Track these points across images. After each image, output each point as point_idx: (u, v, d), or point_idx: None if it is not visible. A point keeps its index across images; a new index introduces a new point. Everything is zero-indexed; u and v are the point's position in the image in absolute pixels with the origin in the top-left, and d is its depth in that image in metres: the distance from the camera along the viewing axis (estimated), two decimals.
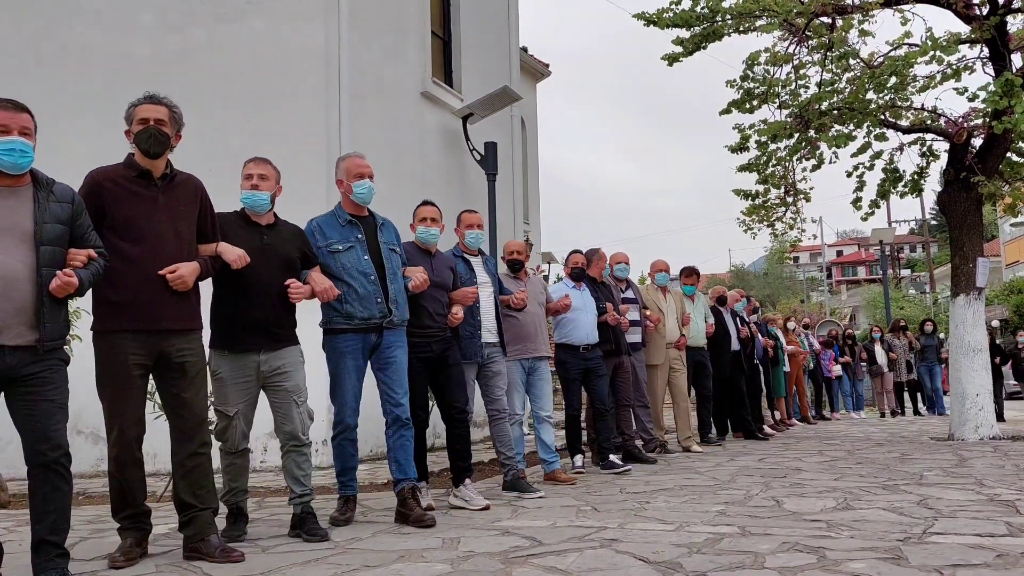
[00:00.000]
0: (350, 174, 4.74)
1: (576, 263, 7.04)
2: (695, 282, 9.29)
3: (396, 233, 4.91)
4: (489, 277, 5.75)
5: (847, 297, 59.80)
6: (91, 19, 8.23)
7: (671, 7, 9.42)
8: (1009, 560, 3.24)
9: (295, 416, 4.29)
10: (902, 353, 15.12)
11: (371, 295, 4.57)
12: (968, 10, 8.96)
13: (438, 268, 5.15)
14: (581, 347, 6.70)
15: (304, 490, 4.32)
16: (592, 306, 6.89)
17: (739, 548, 3.60)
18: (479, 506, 4.90)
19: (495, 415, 5.71)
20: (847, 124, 9.40)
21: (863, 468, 6.54)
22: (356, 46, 8.40)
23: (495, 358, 5.68)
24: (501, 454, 5.73)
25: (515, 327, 6.08)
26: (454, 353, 5.16)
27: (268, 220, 4.41)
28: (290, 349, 4.33)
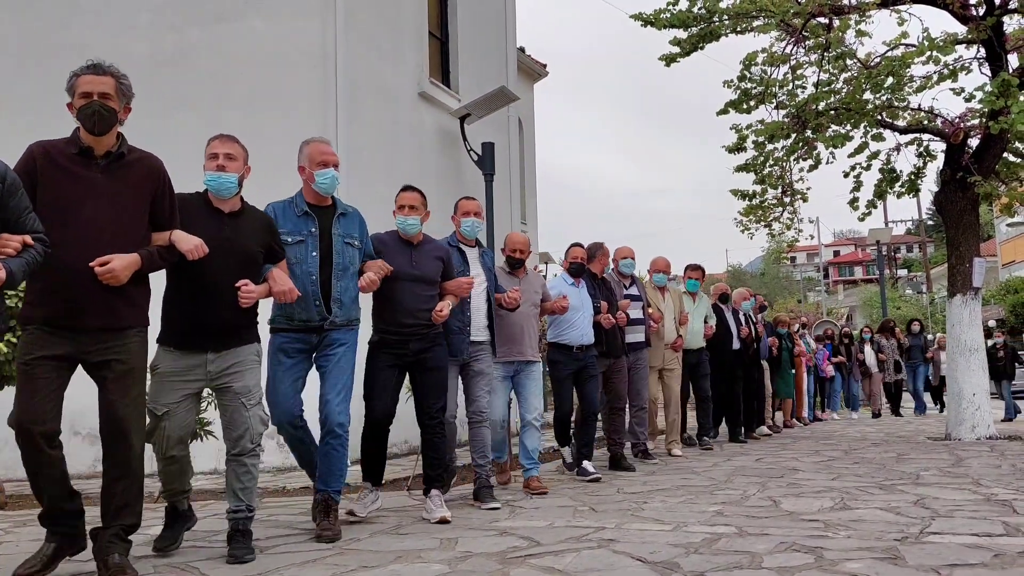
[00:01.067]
0: (313, 161, 4.39)
1: (575, 257, 6.65)
2: (700, 277, 8.98)
3: (360, 224, 4.56)
4: (484, 272, 5.46)
5: (844, 297, 59.90)
6: (89, 19, 8.21)
7: (668, 8, 9.44)
8: (1006, 560, 3.25)
9: (242, 420, 3.84)
10: (891, 353, 15.08)
11: (310, 296, 4.25)
12: (965, 10, 8.99)
13: (421, 260, 4.82)
14: (575, 347, 6.38)
15: (239, 505, 3.85)
16: (589, 305, 6.58)
17: (736, 548, 3.60)
18: (435, 518, 4.56)
19: (473, 418, 5.39)
20: (844, 124, 9.43)
21: (860, 468, 6.55)
22: (353, 46, 8.40)
23: (480, 357, 5.38)
24: (473, 460, 5.43)
25: (500, 328, 5.70)
26: (436, 354, 4.83)
27: (233, 206, 3.99)
28: (244, 348, 3.92)
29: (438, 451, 4.86)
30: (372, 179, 8.49)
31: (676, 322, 8.17)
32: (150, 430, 3.80)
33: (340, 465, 4.36)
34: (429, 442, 4.83)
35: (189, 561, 3.73)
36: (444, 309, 4.75)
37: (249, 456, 3.88)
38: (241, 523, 3.84)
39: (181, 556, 3.82)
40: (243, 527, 3.84)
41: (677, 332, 8.14)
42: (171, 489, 3.99)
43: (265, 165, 7.84)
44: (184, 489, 4.03)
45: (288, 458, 6.35)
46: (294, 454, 4.56)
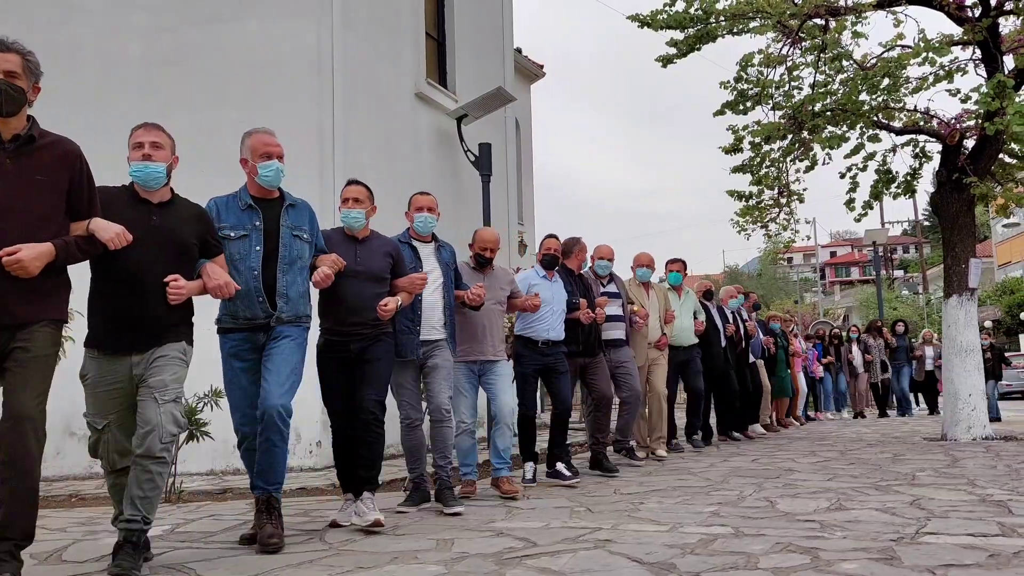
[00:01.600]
0: (256, 153, 4.17)
1: (549, 249, 6.37)
2: (681, 269, 8.64)
3: (311, 217, 4.34)
4: (440, 267, 5.21)
5: (840, 298, 59.96)
6: (84, 19, 8.21)
7: (665, 9, 9.45)
8: (1001, 560, 3.26)
9: (152, 416, 3.41)
10: (877, 354, 15.02)
11: (252, 293, 4.03)
12: (960, 12, 9.01)
13: (367, 256, 4.62)
14: (541, 342, 6.10)
15: (134, 514, 3.38)
16: (561, 299, 6.29)
17: (732, 549, 3.60)
18: (369, 522, 4.31)
19: (434, 416, 5.14)
20: (840, 125, 9.45)
21: (856, 469, 6.56)
22: (350, 47, 8.40)
23: (435, 353, 5.13)
24: (434, 460, 5.18)
25: (461, 326, 5.50)
26: (376, 348, 4.58)
27: (163, 197, 3.70)
28: (170, 344, 3.58)
29: (372, 450, 4.55)
30: (369, 180, 8.36)
31: (661, 320, 7.91)
32: (92, 445, 3.62)
33: (281, 460, 4.08)
34: (362, 440, 4.52)
35: (185, 562, 3.72)
36: (389, 303, 4.52)
37: (155, 461, 3.41)
38: (134, 535, 3.39)
39: (176, 557, 3.82)
40: (135, 539, 3.40)
41: (662, 330, 7.88)
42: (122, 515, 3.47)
43: None
44: None
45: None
46: (245, 464, 4.27)
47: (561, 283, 6.39)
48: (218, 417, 5.12)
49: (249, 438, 4.12)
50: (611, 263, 7.31)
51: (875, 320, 17.85)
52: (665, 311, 7.96)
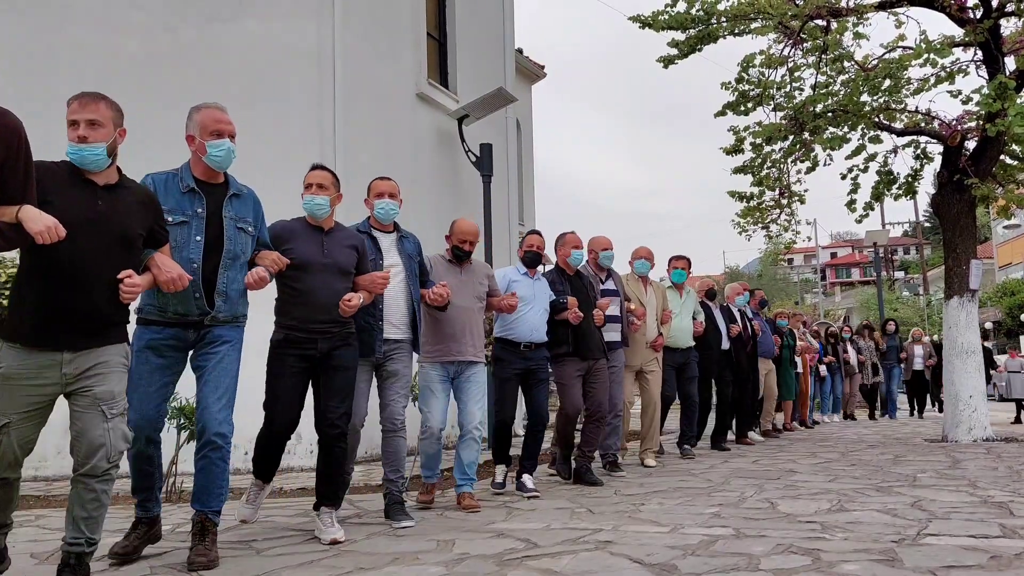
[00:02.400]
0: (205, 130, 3.76)
1: (531, 246, 6.00)
2: (685, 266, 8.15)
3: (255, 208, 3.99)
4: (403, 259, 4.83)
5: (841, 299, 59.96)
6: (83, 18, 8.20)
7: (666, 9, 9.46)
8: (1003, 562, 3.25)
9: (100, 433, 3.11)
10: (869, 355, 14.71)
11: (188, 287, 3.57)
12: (962, 13, 9.01)
13: (333, 248, 4.31)
14: (522, 344, 5.73)
15: (77, 537, 3.14)
16: (544, 299, 5.92)
17: (733, 550, 3.60)
18: (327, 539, 4.10)
19: (386, 426, 4.80)
20: (841, 126, 9.45)
21: (857, 470, 6.55)
22: (350, 46, 8.39)
23: (395, 356, 4.77)
24: (385, 474, 4.84)
25: (436, 324, 5.19)
26: (345, 354, 4.30)
27: (109, 179, 3.30)
28: (110, 347, 3.24)
29: (337, 464, 4.31)
30: (369, 180, 8.48)
31: (657, 319, 7.44)
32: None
33: (221, 481, 3.76)
34: (328, 454, 4.28)
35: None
36: (353, 299, 4.20)
37: (102, 480, 3.14)
38: (74, 557, 3.15)
39: (176, 557, 3.81)
40: (76, 561, 3.15)
41: (658, 330, 7.40)
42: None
43: (262, 166, 7.86)
44: (6, 523, 3.23)
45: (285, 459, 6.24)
46: (132, 472, 3.82)
47: (545, 282, 6.03)
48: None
49: (144, 442, 3.68)
50: (613, 253, 6.86)
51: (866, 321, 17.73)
52: (662, 310, 7.52)
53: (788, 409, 11.37)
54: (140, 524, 3.84)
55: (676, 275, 8.10)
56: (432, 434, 5.15)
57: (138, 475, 3.82)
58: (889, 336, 15.36)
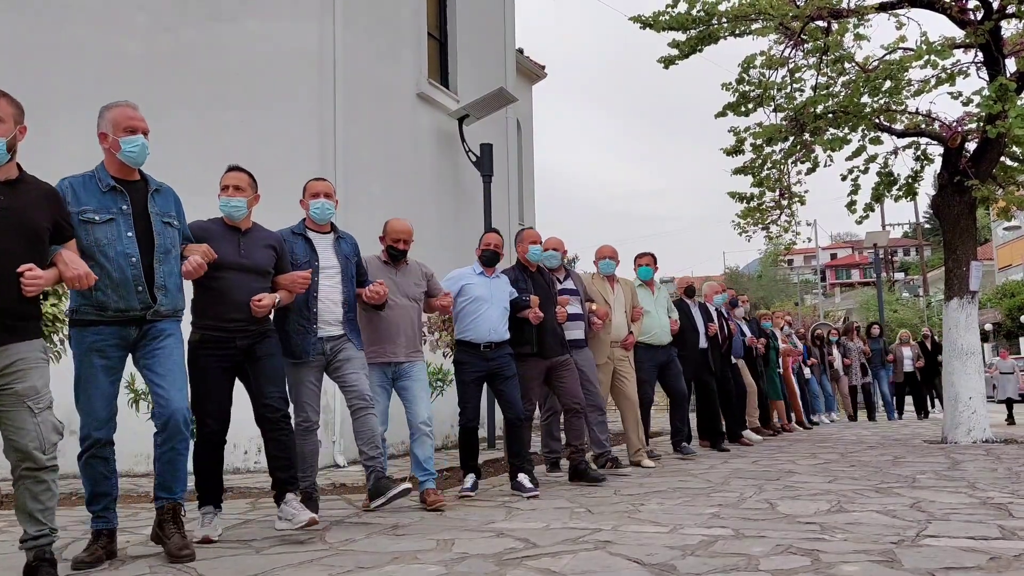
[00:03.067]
0: (118, 127, 3.74)
1: (488, 245, 5.91)
2: (651, 263, 7.93)
3: (176, 202, 3.99)
4: (339, 260, 4.84)
5: (841, 300, 59.99)
6: (84, 18, 8.21)
7: (667, 10, 9.46)
8: (1002, 563, 3.25)
9: (30, 428, 3.19)
10: (856, 356, 14.60)
11: (129, 281, 3.64)
12: (963, 15, 9.01)
13: (250, 248, 4.32)
14: (482, 345, 5.65)
15: (41, 530, 3.27)
16: (502, 297, 5.82)
17: (733, 550, 3.60)
18: (302, 522, 4.10)
19: (356, 404, 4.78)
20: (842, 128, 9.45)
21: (856, 471, 6.56)
22: (351, 46, 8.40)
23: (341, 345, 4.80)
24: (363, 454, 4.82)
25: (371, 326, 5.16)
26: (267, 344, 4.33)
27: (8, 175, 3.31)
28: (25, 344, 3.24)
29: (286, 450, 4.29)
30: (370, 181, 8.50)
31: (627, 316, 7.23)
32: None
33: (184, 467, 3.86)
34: (274, 440, 4.26)
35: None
36: (264, 299, 4.21)
37: (47, 470, 3.25)
38: (45, 551, 3.27)
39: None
40: (48, 555, 3.27)
41: (628, 328, 7.20)
42: None
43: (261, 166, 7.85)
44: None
45: None
46: (87, 484, 3.76)
47: (504, 280, 5.94)
48: None
49: (97, 445, 3.69)
50: (559, 254, 6.67)
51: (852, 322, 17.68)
52: (632, 307, 7.31)
53: (781, 409, 11.23)
54: (101, 536, 3.74)
55: (642, 272, 7.94)
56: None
57: (92, 481, 3.75)
58: (873, 339, 15.27)
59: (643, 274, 7.90)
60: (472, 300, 5.70)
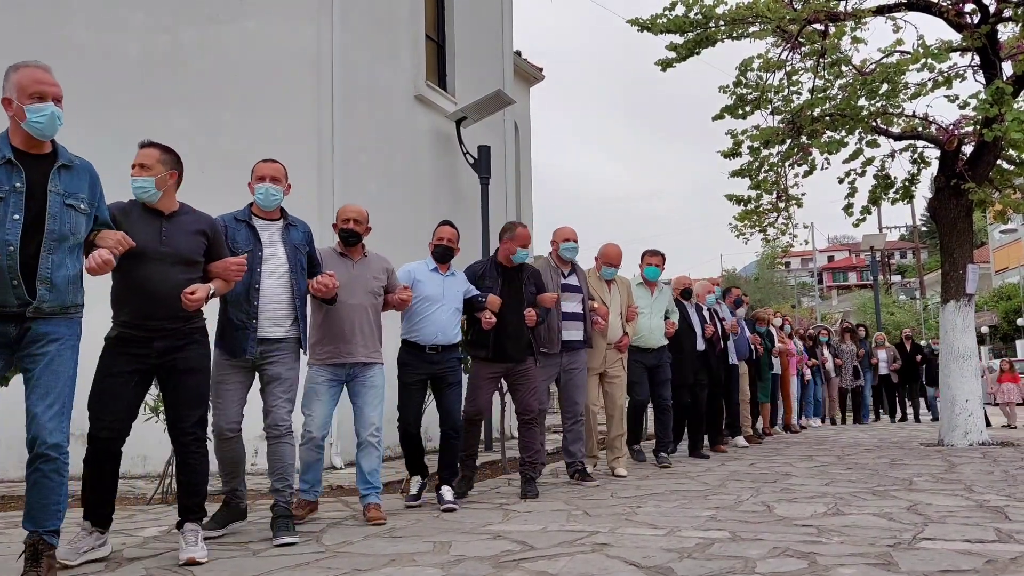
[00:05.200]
0: (24, 92, 3.28)
1: (441, 239, 5.47)
2: (660, 263, 7.58)
3: (92, 183, 3.51)
4: (286, 250, 4.40)
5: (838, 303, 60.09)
6: (82, 19, 8.20)
7: (665, 13, 9.48)
8: (998, 566, 3.26)
9: None
10: (848, 359, 14.49)
11: (4, 273, 3.17)
12: (960, 18, 9.03)
13: (175, 234, 3.82)
14: (427, 347, 5.28)
15: None
16: (455, 297, 5.43)
17: (729, 553, 3.60)
18: (183, 559, 3.68)
19: (270, 432, 4.37)
20: (839, 130, 9.47)
21: (853, 474, 6.56)
22: (348, 48, 8.40)
23: (276, 358, 4.35)
24: (272, 484, 4.40)
25: (325, 323, 4.80)
26: (191, 354, 3.85)
27: None
28: None
29: (197, 475, 3.90)
30: (367, 182, 8.49)
31: (622, 317, 6.93)
32: None
33: (56, 497, 3.32)
34: (185, 464, 3.90)
35: (182, 563, 3.72)
36: (198, 291, 3.74)
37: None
38: None
39: (172, 558, 3.81)
40: None
41: (623, 330, 6.91)
42: None
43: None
44: None
45: None
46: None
47: (460, 278, 5.55)
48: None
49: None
50: (577, 245, 6.38)
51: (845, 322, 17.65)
52: (627, 307, 6.99)
53: (766, 413, 10.86)
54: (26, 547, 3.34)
55: (649, 272, 7.55)
56: (312, 440, 4.74)
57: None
58: (859, 342, 15.19)
59: (650, 274, 7.55)
60: (421, 299, 5.28)
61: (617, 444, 6.88)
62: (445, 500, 5.14)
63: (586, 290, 6.54)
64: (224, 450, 4.38)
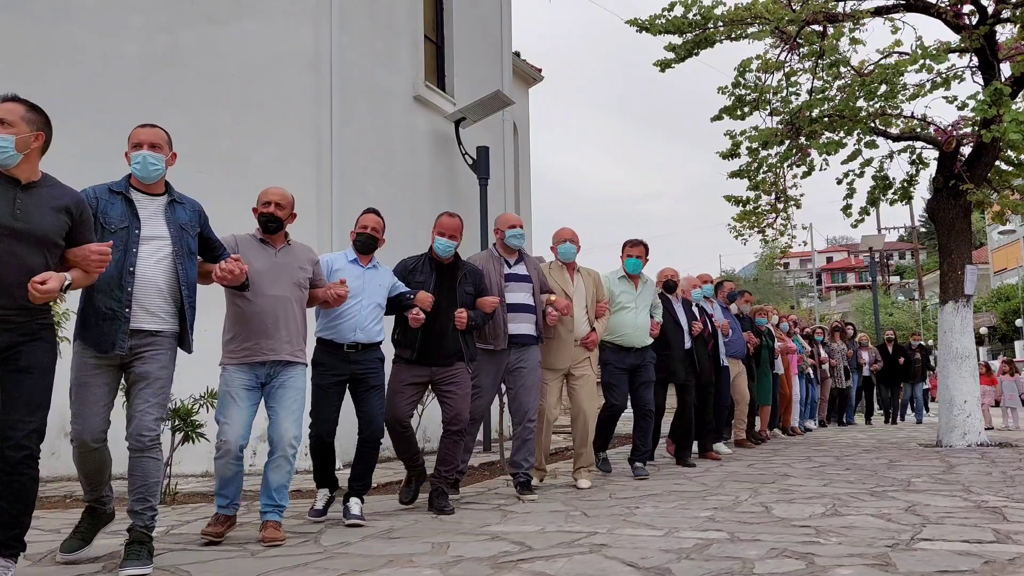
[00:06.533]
0: None
1: (365, 227, 5.02)
2: (642, 254, 6.87)
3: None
4: (171, 230, 3.81)
5: (836, 303, 60.12)
6: (80, 19, 8.20)
7: (663, 14, 9.49)
8: (996, 567, 3.26)
9: None
10: (841, 359, 14.31)
11: None
12: (958, 20, 9.05)
13: (31, 208, 3.23)
14: (345, 346, 4.85)
15: None
16: (377, 291, 5.01)
17: (728, 554, 3.60)
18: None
19: (133, 444, 3.66)
20: (837, 131, 9.48)
21: (851, 474, 6.56)
22: (347, 49, 8.40)
23: (147, 353, 3.71)
24: (130, 505, 3.67)
25: (241, 317, 4.35)
26: (33, 350, 3.24)
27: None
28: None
29: (21, 500, 3.16)
30: (366, 183, 8.49)
31: (588, 311, 6.33)
32: None
33: None
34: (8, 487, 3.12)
35: (180, 564, 3.71)
36: (50, 280, 3.13)
37: None
38: None
39: (170, 559, 3.80)
40: None
41: (591, 326, 6.31)
42: None
43: (256, 168, 7.87)
44: None
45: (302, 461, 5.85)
46: None
47: (383, 272, 5.11)
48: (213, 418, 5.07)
49: None
50: (522, 231, 5.91)
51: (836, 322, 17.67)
52: (597, 301, 6.39)
53: (765, 415, 10.43)
54: None
55: (630, 264, 6.84)
56: (229, 451, 4.23)
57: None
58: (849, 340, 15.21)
59: (631, 266, 6.84)
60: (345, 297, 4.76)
61: (583, 453, 6.27)
62: (351, 514, 4.70)
63: (537, 280, 5.95)
64: (89, 461, 3.75)
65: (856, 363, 14.86)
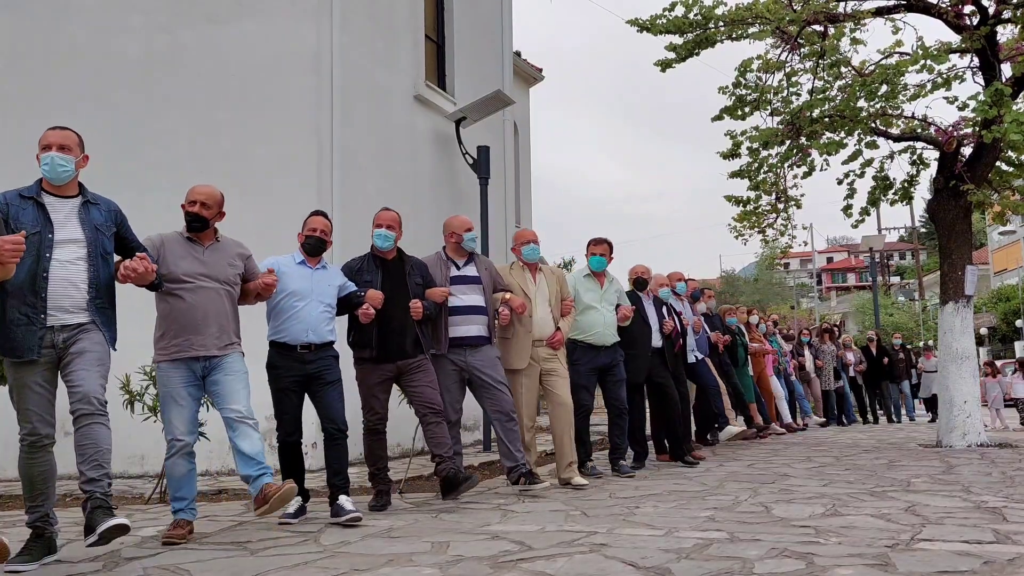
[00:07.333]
0: None
1: (313, 230, 5.09)
2: (605, 252, 6.88)
3: None
4: (85, 231, 3.81)
5: (837, 304, 60.12)
6: (80, 19, 8.20)
7: (664, 14, 9.49)
8: (996, 567, 3.26)
9: None
10: (830, 360, 14.33)
11: None
12: (959, 20, 9.04)
13: None
14: (298, 347, 4.91)
15: None
16: (326, 292, 5.07)
17: (727, 554, 3.60)
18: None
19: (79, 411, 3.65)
20: (838, 132, 9.47)
21: (851, 474, 6.57)
22: (348, 48, 8.40)
23: (79, 336, 3.72)
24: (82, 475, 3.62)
25: (172, 315, 4.36)
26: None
27: None
28: None
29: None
30: (366, 183, 8.50)
31: (554, 311, 6.30)
32: None
33: None
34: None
35: (180, 563, 3.72)
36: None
37: None
38: None
39: (170, 559, 3.81)
40: None
41: (555, 325, 6.28)
42: None
43: (259, 168, 7.87)
44: None
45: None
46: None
47: (331, 272, 5.19)
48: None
49: None
50: (474, 234, 5.98)
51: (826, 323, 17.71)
52: (562, 300, 6.35)
53: (754, 412, 10.35)
54: None
55: (594, 262, 6.84)
56: (178, 448, 4.30)
57: None
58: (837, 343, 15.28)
59: (595, 264, 6.82)
60: (288, 295, 4.90)
61: (566, 450, 6.18)
62: (346, 511, 4.66)
63: (489, 281, 5.98)
64: (35, 463, 3.69)
65: (843, 364, 14.92)
